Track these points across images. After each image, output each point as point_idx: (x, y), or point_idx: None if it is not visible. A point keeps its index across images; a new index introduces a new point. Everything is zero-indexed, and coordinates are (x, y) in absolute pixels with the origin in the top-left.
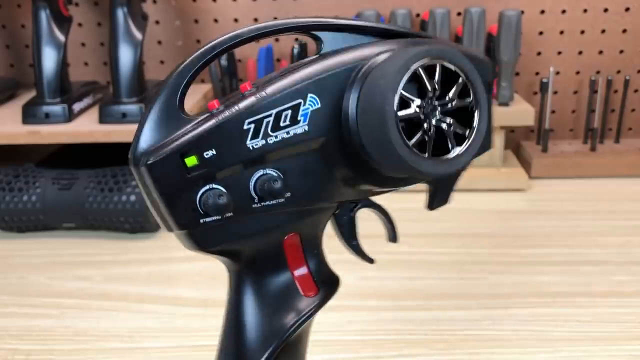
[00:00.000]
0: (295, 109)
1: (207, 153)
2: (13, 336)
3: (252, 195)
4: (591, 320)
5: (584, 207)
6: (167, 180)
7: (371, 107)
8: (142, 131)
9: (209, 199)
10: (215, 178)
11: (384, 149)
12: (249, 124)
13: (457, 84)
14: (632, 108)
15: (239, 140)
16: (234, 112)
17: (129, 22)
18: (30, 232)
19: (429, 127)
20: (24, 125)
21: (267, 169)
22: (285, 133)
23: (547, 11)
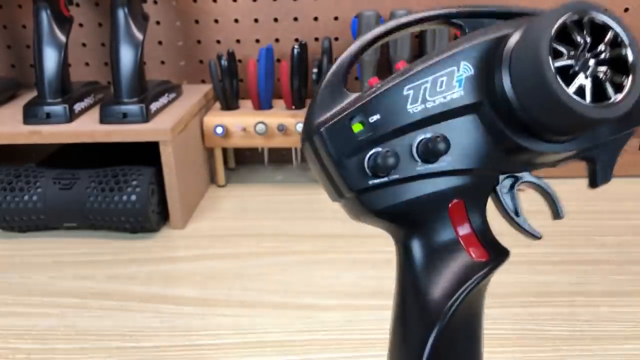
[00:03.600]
0: (450, 75)
1: (372, 118)
2: (14, 335)
3: (415, 157)
4: (590, 320)
5: (583, 207)
6: (338, 145)
7: (526, 64)
8: (312, 111)
9: (376, 159)
10: (380, 141)
11: (545, 100)
12: (408, 90)
13: (607, 34)
14: None
15: (400, 106)
16: (394, 82)
17: (129, 22)
18: (32, 232)
19: (586, 76)
20: (25, 125)
21: (428, 132)
22: (443, 97)
23: None
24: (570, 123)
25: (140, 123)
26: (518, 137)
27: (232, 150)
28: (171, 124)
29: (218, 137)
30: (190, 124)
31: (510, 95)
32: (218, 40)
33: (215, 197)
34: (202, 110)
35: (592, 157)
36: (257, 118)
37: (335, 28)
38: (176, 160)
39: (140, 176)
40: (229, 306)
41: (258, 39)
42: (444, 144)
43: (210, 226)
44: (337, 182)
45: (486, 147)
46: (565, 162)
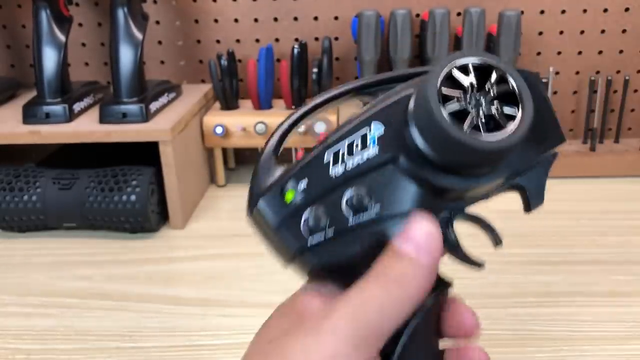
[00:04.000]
0: (364, 136)
1: (300, 185)
2: (13, 335)
3: (344, 213)
4: (591, 320)
5: (584, 207)
6: (275, 214)
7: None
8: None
9: (309, 221)
10: (311, 205)
11: (447, 143)
12: (328, 155)
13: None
14: (631, 108)
15: (323, 170)
16: (317, 150)
17: (129, 22)
18: (31, 232)
19: (477, 113)
20: (24, 125)
21: (354, 188)
22: (360, 157)
23: (546, 11)
24: (476, 158)
25: (140, 123)
26: (438, 180)
27: (232, 150)
28: (171, 124)
29: (218, 137)
30: (190, 124)
31: (422, 146)
32: (218, 40)
33: (215, 197)
34: (202, 110)
35: (520, 185)
36: (257, 118)
37: (336, 28)
38: (176, 160)
39: (140, 176)
40: (229, 306)
41: (258, 38)
42: (367, 197)
43: (210, 226)
44: (280, 247)
45: (412, 191)
46: (497, 193)
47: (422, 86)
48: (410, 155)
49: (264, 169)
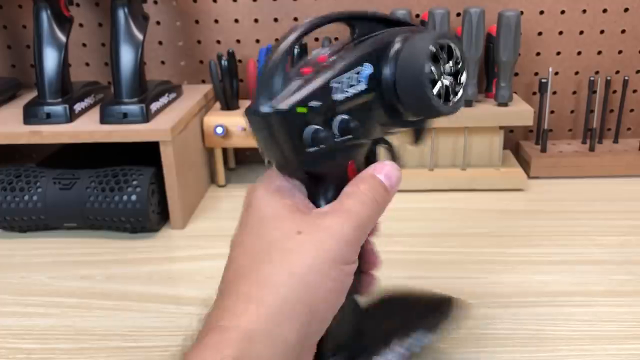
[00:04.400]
0: (358, 73)
1: (312, 104)
2: (14, 335)
3: (335, 132)
4: (590, 320)
5: (583, 207)
6: (288, 122)
7: (409, 74)
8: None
9: (313, 134)
10: (316, 120)
11: (421, 100)
12: (333, 83)
13: (453, 55)
14: (630, 108)
15: (328, 95)
16: (326, 76)
17: (129, 22)
18: (32, 232)
19: (442, 84)
20: (25, 126)
21: (344, 115)
22: (354, 89)
23: (546, 12)
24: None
25: (140, 123)
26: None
27: (232, 150)
28: (171, 124)
29: (218, 137)
30: (191, 124)
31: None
32: (218, 40)
33: (215, 197)
34: (202, 110)
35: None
36: None
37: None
38: (176, 161)
39: (140, 176)
40: None
41: (258, 39)
42: (355, 123)
43: (210, 226)
44: (285, 149)
45: (374, 124)
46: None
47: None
48: (385, 97)
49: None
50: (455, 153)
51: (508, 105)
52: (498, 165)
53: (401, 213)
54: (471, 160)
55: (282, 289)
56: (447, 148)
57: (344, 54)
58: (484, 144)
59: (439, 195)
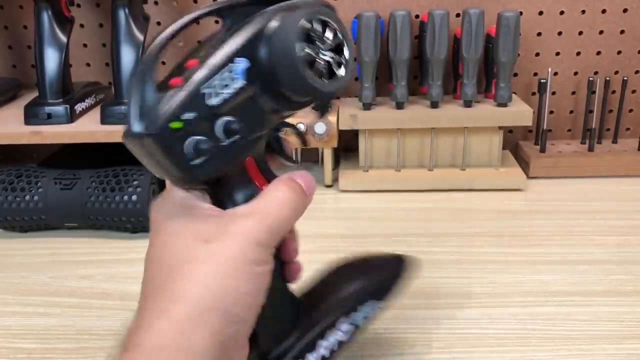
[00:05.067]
0: (230, 70)
1: (184, 116)
2: (15, 335)
3: (219, 136)
4: (590, 320)
5: (582, 207)
6: (164, 141)
7: (282, 58)
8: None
9: (194, 146)
10: (194, 132)
11: (297, 81)
12: (204, 89)
13: (330, 29)
14: (629, 108)
15: (201, 102)
16: (193, 83)
17: (130, 23)
18: (32, 232)
19: (321, 61)
20: (26, 126)
21: (225, 117)
22: (230, 89)
23: (545, 12)
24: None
25: None
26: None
27: None
28: None
29: None
30: None
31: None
32: None
33: None
34: None
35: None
36: None
37: None
38: None
39: (141, 176)
40: None
41: None
42: (236, 123)
43: None
44: (168, 166)
45: (263, 115)
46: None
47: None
48: (268, 90)
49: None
50: (455, 153)
51: (507, 105)
52: (497, 165)
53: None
54: (470, 160)
55: (191, 299)
56: (447, 148)
57: (212, 53)
58: (483, 144)
59: (439, 195)
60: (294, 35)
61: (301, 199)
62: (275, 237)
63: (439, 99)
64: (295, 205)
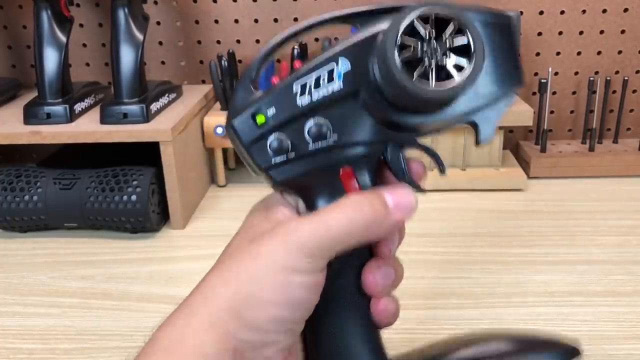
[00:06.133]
0: (330, 71)
1: (270, 111)
2: (15, 335)
3: (306, 139)
4: (590, 320)
5: (583, 207)
6: (246, 135)
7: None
8: (231, 105)
9: (275, 143)
10: (278, 129)
11: (392, 83)
12: (296, 86)
13: (449, 26)
14: (630, 108)
15: (290, 99)
16: (286, 80)
17: (130, 23)
18: (32, 232)
19: (430, 63)
20: (25, 126)
21: (316, 118)
22: (325, 90)
23: (545, 12)
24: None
25: (140, 123)
26: (392, 115)
27: (232, 150)
28: (171, 124)
29: (218, 137)
30: (191, 124)
31: (381, 83)
32: (218, 40)
33: (215, 197)
34: (203, 110)
35: (474, 122)
36: None
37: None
38: (176, 161)
39: (140, 176)
40: None
41: (258, 39)
42: (326, 127)
43: (211, 226)
44: (249, 162)
45: (367, 124)
46: (450, 128)
47: (384, 32)
48: (370, 91)
49: (242, 90)
50: (455, 153)
51: None
52: (498, 165)
53: None
54: (471, 160)
55: (214, 299)
56: (447, 148)
57: (318, 56)
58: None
59: (439, 195)
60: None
61: (374, 216)
62: (327, 250)
63: None
64: (363, 221)
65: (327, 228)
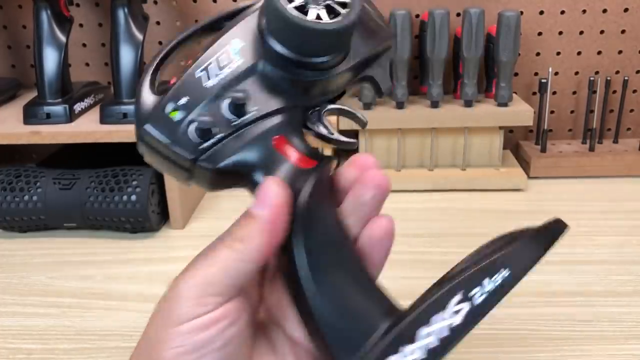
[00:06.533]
0: (227, 51)
1: (181, 102)
2: (14, 335)
3: (228, 117)
4: (590, 320)
5: (583, 207)
6: (164, 132)
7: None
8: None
9: (198, 126)
10: (195, 115)
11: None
12: (199, 72)
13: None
14: (630, 108)
15: (198, 85)
16: (187, 72)
17: (129, 22)
18: (32, 232)
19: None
20: (25, 126)
21: (230, 95)
22: (228, 68)
23: (546, 12)
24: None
25: None
26: (299, 75)
27: None
28: None
29: None
30: None
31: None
32: None
33: (215, 197)
34: None
35: (369, 75)
36: None
37: None
38: None
39: (140, 176)
40: None
41: None
42: (243, 99)
43: (211, 226)
44: (177, 161)
45: (282, 90)
46: (353, 86)
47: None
48: (270, 59)
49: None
50: (455, 153)
51: (508, 105)
52: (498, 165)
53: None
54: (471, 160)
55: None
56: (447, 148)
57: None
58: (483, 144)
59: (439, 195)
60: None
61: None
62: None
63: (439, 98)
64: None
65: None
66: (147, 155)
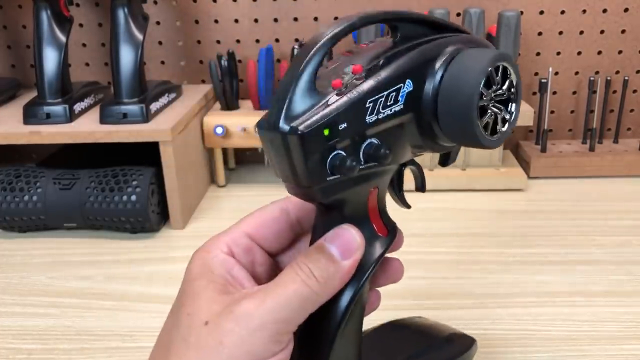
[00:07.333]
0: (397, 91)
1: (341, 126)
2: (14, 336)
3: (360, 159)
4: (590, 320)
5: (583, 207)
6: (310, 146)
7: (456, 98)
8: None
9: (337, 161)
10: (342, 146)
11: (464, 129)
12: (369, 103)
13: (509, 80)
14: (630, 108)
15: (361, 116)
16: (360, 93)
17: (129, 22)
18: (31, 232)
19: (491, 113)
20: (25, 126)
21: (373, 139)
22: (389, 110)
23: (546, 12)
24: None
25: (140, 123)
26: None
27: (232, 150)
28: (171, 124)
29: (218, 137)
30: (191, 124)
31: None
32: (218, 40)
33: (215, 197)
34: (202, 110)
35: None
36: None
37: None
38: (176, 161)
39: (140, 176)
40: None
41: (258, 39)
42: (384, 149)
43: (210, 226)
44: (300, 174)
45: (405, 147)
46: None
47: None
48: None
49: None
50: None
51: None
52: (498, 165)
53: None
54: (471, 160)
55: None
56: None
57: (384, 65)
58: None
59: (439, 195)
60: (480, 75)
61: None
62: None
63: None
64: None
65: (286, 302)
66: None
